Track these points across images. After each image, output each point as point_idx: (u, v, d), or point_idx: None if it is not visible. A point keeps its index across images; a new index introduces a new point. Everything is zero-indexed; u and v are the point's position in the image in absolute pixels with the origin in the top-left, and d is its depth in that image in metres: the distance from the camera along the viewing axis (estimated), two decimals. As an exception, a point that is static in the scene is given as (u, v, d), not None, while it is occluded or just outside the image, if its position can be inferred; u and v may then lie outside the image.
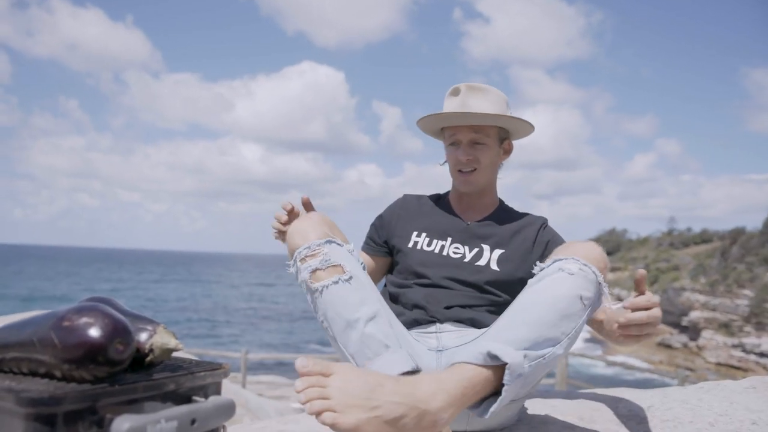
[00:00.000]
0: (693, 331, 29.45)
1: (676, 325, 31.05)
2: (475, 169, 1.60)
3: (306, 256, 1.26)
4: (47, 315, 0.77)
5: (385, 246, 1.70)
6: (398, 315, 1.49)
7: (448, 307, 1.47)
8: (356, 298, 1.24)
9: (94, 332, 0.72)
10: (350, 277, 1.24)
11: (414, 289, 1.53)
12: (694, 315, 29.76)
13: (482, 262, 1.54)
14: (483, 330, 1.38)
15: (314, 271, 1.24)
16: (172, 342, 0.79)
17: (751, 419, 1.51)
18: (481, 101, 1.59)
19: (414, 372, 1.14)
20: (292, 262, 1.31)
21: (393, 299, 1.57)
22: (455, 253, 1.57)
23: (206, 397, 0.80)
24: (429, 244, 1.60)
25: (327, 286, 1.23)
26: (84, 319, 0.73)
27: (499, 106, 1.60)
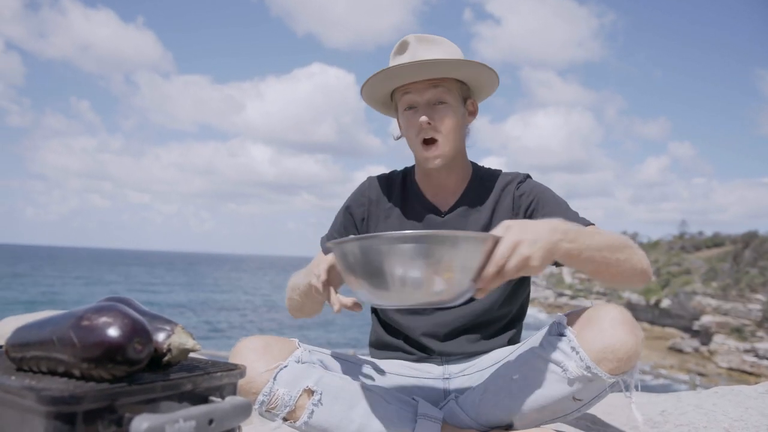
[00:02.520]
0: (704, 335, 29.18)
1: (688, 330, 30.78)
2: (436, 140, 1.33)
3: (268, 408, 1.17)
4: (66, 314, 0.78)
5: None
6: (397, 351, 1.43)
7: (447, 338, 1.38)
8: (341, 410, 1.18)
9: (113, 332, 0.72)
10: (321, 394, 1.18)
11: (404, 319, 1.41)
12: (706, 319, 29.50)
13: None
14: (487, 358, 1.36)
15: (286, 415, 1.17)
16: (189, 342, 0.79)
17: (767, 425, 1.50)
18: (436, 52, 1.31)
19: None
20: (257, 410, 1.20)
21: (384, 326, 1.47)
22: None
23: (223, 397, 0.80)
24: None
25: (306, 422, 1.17)
26: (103, 319, 0.73)
27: (456, 56, 1.34)
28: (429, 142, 1.33)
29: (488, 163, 1.50)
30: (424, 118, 1.30)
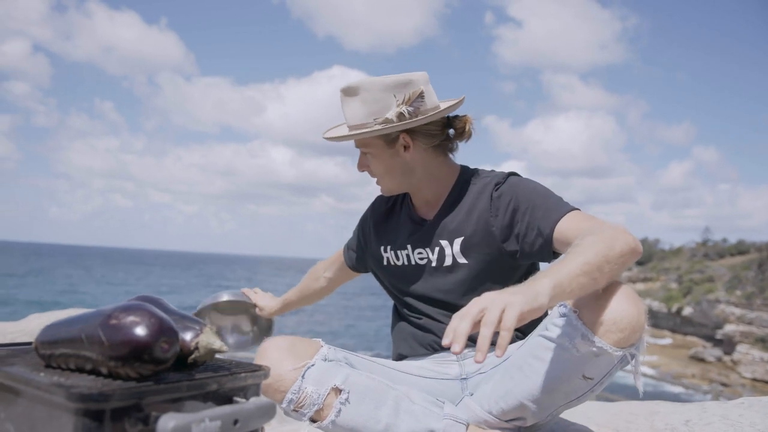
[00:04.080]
0: (728, 344, 28.63)
1: (710, 339, 30.24)
2: (377, 179, 1.48)
3: (296, 407, 1.18)
4: (95, 313, 0.79)
5: (364, 267, 1.68)
6: (418, 348, 1.46)
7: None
8: (369, 409, 1.18)
9: (141, 331, 0.73)
10: (349, 393, 1.18)
11: (414, 319, 1.47)
12: (729, 328, 28.94)
13: (448, 261, 1.41)
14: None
15: (313, 414, 1.18)
16: (217, 343, 0.80)
17: (796, 437, 1.46)
18: (355, 108, 1.37)
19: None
20: (284, 409, 1.21)
21: (401, 321, 1.54)
22: (420, 259, 1.46)
23: (247, 398, 0.80)
24: (397, 258, 1.51)
25: (333, 421, 1.17)
26: (131, 318, 0.74)
27: (373, 107, 1.35)
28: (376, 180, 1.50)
29: (507, 167, 1.51)
30: (358, 167, 1.49)
